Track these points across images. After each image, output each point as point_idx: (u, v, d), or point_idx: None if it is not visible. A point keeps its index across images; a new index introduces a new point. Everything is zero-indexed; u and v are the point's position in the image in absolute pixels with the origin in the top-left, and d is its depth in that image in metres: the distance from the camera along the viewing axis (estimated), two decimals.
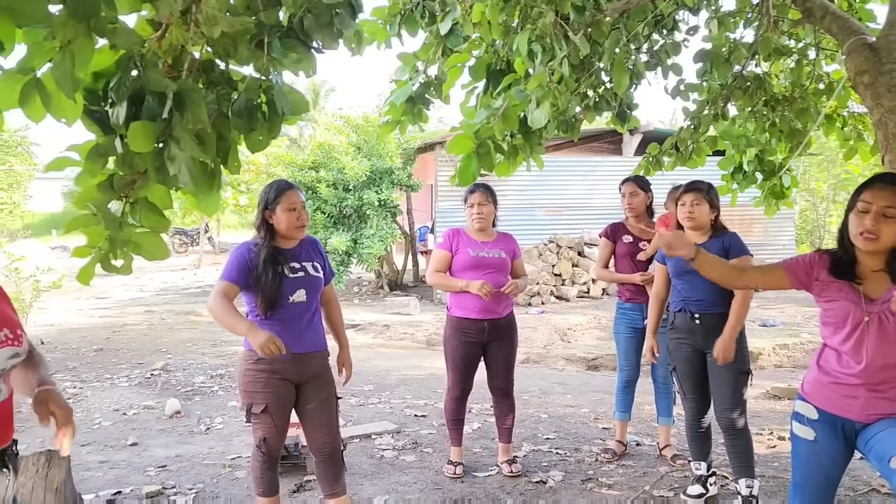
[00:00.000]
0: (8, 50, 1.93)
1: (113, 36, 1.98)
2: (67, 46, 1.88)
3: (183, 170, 2.06)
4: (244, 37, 2.22)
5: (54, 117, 2.02)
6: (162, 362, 6.89)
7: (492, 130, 2.66)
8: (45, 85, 1.95)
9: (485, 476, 3.77)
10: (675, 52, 3.69)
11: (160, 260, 2.32)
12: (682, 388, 3.47)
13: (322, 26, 2.35)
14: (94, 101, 2.13)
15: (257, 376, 2.81)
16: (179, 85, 1.98)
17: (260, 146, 2.29)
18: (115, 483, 3.70)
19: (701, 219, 3.28)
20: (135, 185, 2.22)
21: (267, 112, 2.24)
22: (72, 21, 1.86)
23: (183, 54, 2.14)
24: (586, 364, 7.77)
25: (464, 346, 3.71)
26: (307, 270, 2.89)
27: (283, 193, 2.84)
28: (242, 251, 2.86)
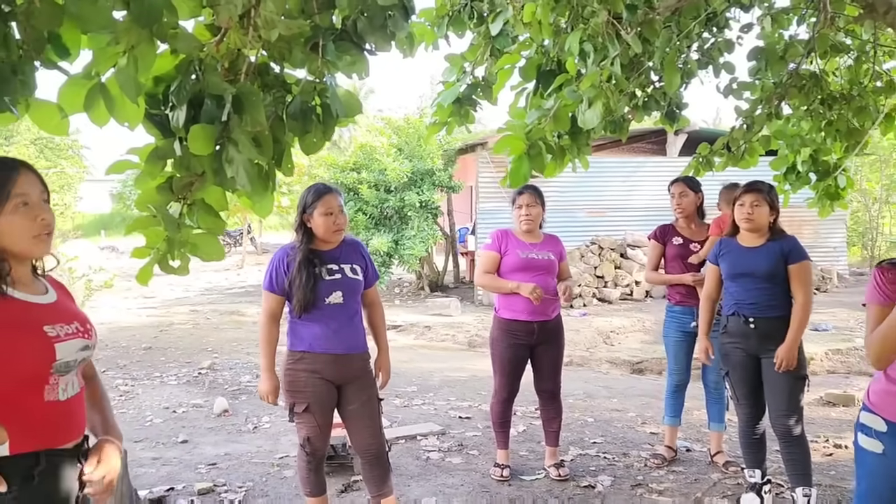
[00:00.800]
0: (74, 56, 1.98)
1: (174, 41, 2.02)
2: (131, 52, 1.92)
3: (241, 172, 2.08)
4: (298, 40, 2.24)
5: (117, 121, 2.06)
6: (209, 361, 7.01)
7: (543, 131, 2.64)
8: (108, 90, 1.99)
9: (532, 480, 3.74)
10: (729, 49, 3.61)
11: (216, 261, 2.37)
12: (736, 393, 3.39)
13: (375, 28, 2.36)
14: (154, 105, 2.17)
15: (298, 376, 2.86)
16: (238, 88, 2.00)
17: (314, 148, 2.31)
18: (167, 479, 3.77)
19: (760, 221, 3.21)
20: (192, 187, 2.26)
21: (321, 114, 2.25)
22: (135, 27, 1.90)
23: (239, 58, 2.17)
24: (631, 367, 7.67)
25: (512, 349, 3.69)
26: (345, 272, 2.91)
27: (320, 197, 2.86)
28: (279, 256, 2.93)
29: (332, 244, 2.92)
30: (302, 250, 2.86)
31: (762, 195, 3.23)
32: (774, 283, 3.22)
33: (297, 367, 2.85)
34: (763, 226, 3.24)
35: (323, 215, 2.84)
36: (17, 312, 1.49)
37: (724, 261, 3.33)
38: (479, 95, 3.57)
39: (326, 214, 2.84)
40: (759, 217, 3.20)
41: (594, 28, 2.73)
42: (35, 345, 1.48)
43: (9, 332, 1.45)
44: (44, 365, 1.49)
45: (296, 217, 2.92)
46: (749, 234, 3.26)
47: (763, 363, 3.29)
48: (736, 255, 3.29)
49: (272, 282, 2.88)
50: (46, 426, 1.50)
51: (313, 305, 2.83)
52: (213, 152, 2.15)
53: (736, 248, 3.31)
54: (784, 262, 3.20)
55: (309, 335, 2.86)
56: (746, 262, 3.24)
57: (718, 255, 3.38)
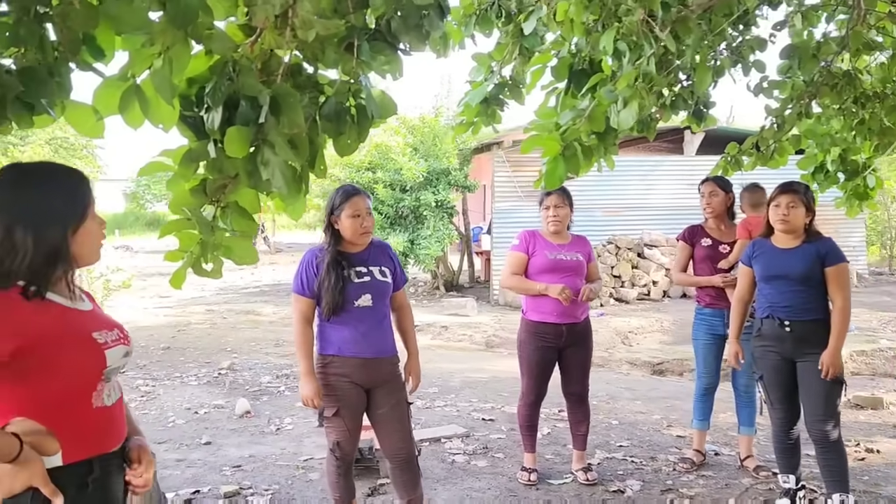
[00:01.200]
0: (109, 57, 1.96)
1: (209, 41, 1.99)
2: (166, 53, 1.89)
3: (276, 174, 2.05)
4: (332, 40, 2.21)
5: (152, 123, 2.04)
6: (228, 361, 7.01)
7: (579, 132, 2.60)
8: (143, 91, 1.97)
9: (560, 483, 3.69)
10: (761, 47, 3.54)
11: (249, 264, 2.34)
12: (770, 397, 3.34)
13: (410, 28, 2.32)
14: (187, 107, 2.14)
15: (327, 379, 2.83)
16: (275, 89, 1.98)
17: (349, 150, 2.28)
18: (192, 482, 3.76)
19: (796, 222, 3.15)
20: (226, 190, 2.24)
21: (356, 115, 2.22)
22: (171, 27, 1.87)
23: (272, 59, 2.15)
24: (651, 368, 7.60)
25: (540, 351, 3.65)
26: (374, 275, 2.88)
27: (348, 199, 2.83)
28: (307, 258, 2.90)
29: (359, 246, 2.89)
30: (330, 252, 2.83)
31: (798, 196, 3.17)
32: (810, 286, 3.16)
33: (326, 371, 2.83)
34: (799, 227, 3.18)
35: (350, 217, 2.81)
36: (68, 320, 1.47)
37: (758, 262, 3.27)
38: (507, 95, 3.53)
39: (354, 216, 2.81)
40: (794, 218, 3.14)
41: (629, 26, 2.68)
42: (88, 352, 1.47)
43: (64, 340, 1.44)
44: (96, 372, 1.48)
45: (324, 218, 2.89)
46: (784, 236, 3.20)
47: (798, 367, 3.23)
48: (770, 257, 3.23)
49: (302, 284, 2.85)
50: (97, 432, 1.49)
51: (342, 308, 2.80)
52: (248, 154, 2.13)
53: (770, 250, 3.25)
54: (820, 264, 3.13)
55: (338, 339, 2.83)
56: (781, 264, 3.18)
57: (752, 256, 3.32)
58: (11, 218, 1.41)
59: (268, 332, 9.48)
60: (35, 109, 1.79)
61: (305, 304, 2.85)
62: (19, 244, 1.39)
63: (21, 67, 1.73)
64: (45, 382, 1.40)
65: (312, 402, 2.80)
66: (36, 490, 1.33)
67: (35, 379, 1.39)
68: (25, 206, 1.43)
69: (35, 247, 1.40)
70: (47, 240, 1.42)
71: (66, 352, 1.43)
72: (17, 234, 1.39)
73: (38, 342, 1.38)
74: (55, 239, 1.44)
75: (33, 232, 1.41)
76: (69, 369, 1.44)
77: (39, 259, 1.41)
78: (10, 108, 1.72)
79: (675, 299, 11.89)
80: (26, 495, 1.32)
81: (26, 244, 1.40)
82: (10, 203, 1.43)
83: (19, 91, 1.69)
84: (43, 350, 1.39)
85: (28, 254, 1.39)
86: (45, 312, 1.42)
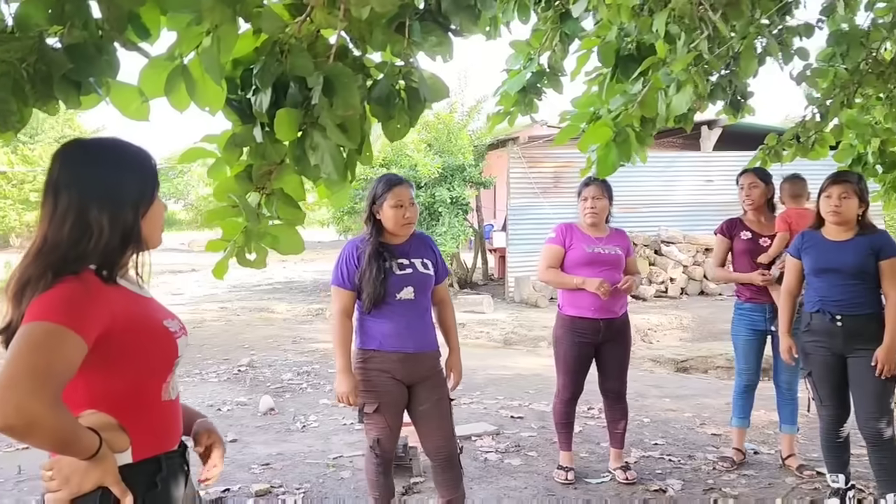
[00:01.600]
0: (154, 37, 1.87)
1: (258, 20, 1.90)
2: (215, 31, 1.81)
3: (326, 159, 1.97)
4: (380, 20, 2.12)
5: (198, 105, 1.95)
6: (247, 359, 6.93)
7: (631, 118, 2.50)
8: (190, 72, 1.88)
9: (598, 483, 3.60)
10: (808, 34, 3.43)
11: (295, 254, 2.26)
12: (819, 394, 3.23)
13: (461, 8, 2.23)
14: (231, 89, 2.06)
15: (367, 375, 2.74)
16: (328, 69, 1.89)
17: (399, 134, 2.19)
18: (221, 480, 3.67)
19: (848, 214, 3.04)
20: (271, 176, 2.15)
21: (407, 99, 2.13)
22: (220, 5, 1.78)
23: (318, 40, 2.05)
24: (675, 366, 7.49)
25: (577, 347, 3.55)
26: (416, 267, 2.79)
27: (391, 188, 2.74)
28: (348, 249, 2.80)
29: (401, 238, 2.80)
30: (371, 243, 2.74)
31: (851, 186, 3.06)
32: (862, 280, 3.05)
33: (367, 367, 2.74)
34: (851, 219, 3.07)
35: (393, 207, 2.72)
36: (141, 307, 1.39)
37: (808, 255, 3.17)
38: (545, 84, 3.43)
39: (397, 206, 2.72)
40: (847, 210, 3.03)
41: (681, 8, 2.58)
42: (162, 341, 1.39)
43: (140, 328, 1.35)
44: (169, 362, 1.41)
45: (365, 208, 2.81)
46: (835, 228, 3.09)
47: (849, 363, 3.12)
48: (821, 250, 3.12)
49: (341, 276, 2.76)
50: (165, 427, 1.41)
51: (383, 301, 2.71)
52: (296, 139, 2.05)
53: (821, 242, 3.14)
54: (874, 257, 3.03)
55: (379, 333, 2.74)
56: (833, 257, 3.07)
57: (801, 248, 3.21)
58: (84, 197, 1.32)
59: (283, 329, 9.42)
60: (82, 88, 1.71)
61: (346, 297, 2.75)
62: (94, 224, 1.30)
63: (68, 44, 1.64)
64: (121, 373, 1.31)
65: (348, 399, 2.71)
66: (105, 489, 1.24)
67: (111, 368, 1.30)
68: (98, 183, 1.34)
69: (110, 227, 1.32)
70: (122, 220, 1.34)
71: (142, 340, 1.34)
72: (91, 213, 1.31)
73: (119, 329, 1.29)
74: (129, 219, 1.36)
75: (109, 211, 1.32)
76: (145, 359, 1.35)
77: (115, 241, 1.32)
78: (56, 87, 1.63)
79: (693, 296, 11.77)
80: (94, 495, 1.23)
81: (101, 224, 1.31)
82: (81, 181, 1.33)
83: (68, 69, 1.60)
84: (123, 337, 1.30)
85: (104, 235, 1.31)
86: (122, 298, 1.34)
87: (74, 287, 1.25)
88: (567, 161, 11.92)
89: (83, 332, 1.21)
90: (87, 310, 1.24)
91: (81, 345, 1.21)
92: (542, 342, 8.91)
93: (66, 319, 1.20)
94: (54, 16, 1.65)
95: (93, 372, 1.28)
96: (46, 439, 1.17)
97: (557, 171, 11.97)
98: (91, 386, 1.29)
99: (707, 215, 12.38)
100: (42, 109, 1.67)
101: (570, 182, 11.89)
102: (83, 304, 1.24)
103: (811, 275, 3.18)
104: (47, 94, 1.65)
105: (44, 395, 1.13)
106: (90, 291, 1.27)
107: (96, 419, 1.26)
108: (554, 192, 11.89)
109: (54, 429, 1.15)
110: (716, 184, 12.32)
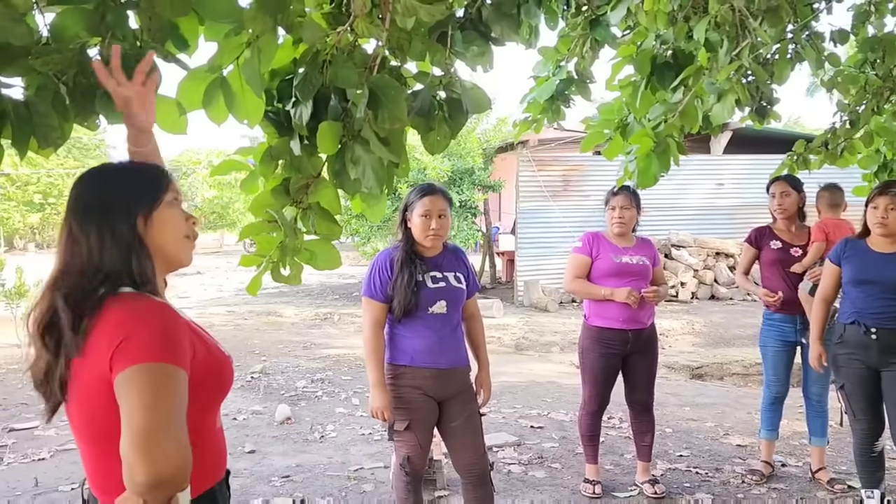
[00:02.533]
0: (192, 48, 1.81)
1: (299, 30, 1.84)
2: (255, 42, 1.75)
3: (368, 172, 1.91)
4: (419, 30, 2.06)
5: (236, 118, 1.90)
6: (259, 365, 6.87)
7: (673, 128, 2.44)
8: (230, 84, 1.83)
9: (626, 497, 3.53)
10: (843, 40, 3.37)
11: (332, 269, 2.20)
12: (852, 408, 3.17)
13: (503, 16, 2.17)
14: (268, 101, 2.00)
15: (399, 392, 2.67)
16: (374, 81, 1.83)
17: (439, 147, 2.14)
18: (241, 493, 3.61)
19: (895, 226, 2.97)
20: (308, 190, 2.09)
21: (449, 110, 2.07)
22: (262, 14, 1.73)
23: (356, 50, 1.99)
24: (690, 372, 7.43)
25: (604, 358, 3.49)
26: (449, 281, 2.73)
27: (421, 197, 2.68)
28: (381, 260, 2.73)
29: (433, 250, 2.74)
30: (403, 250, 2.68)
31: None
32: None
33: (398, 383, 2.67)
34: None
35: (420, 216, 2.66)
36: (197, 333, 1.32)
37: (850, 264, 3.09)
38: (573, 91, 3.37)
39: (423, 216, 2.66)
40: (894, 222, 2.97)
41: (723, 15, 2.52)
42: (226, 365, 1.33)
43: (208, 354, 1.28)
44: (227, 389, 1.35)
45: (399, 215, 2.75)
46: (881, 239, 3.02)
47: (883, 376, 3.07)
48: (865, 261, 3.05)
49: (373, 287, 2.68)
50: (219, 455, 1.36)
51: (415, 312, 2.64)
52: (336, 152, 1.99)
53: (865, 252, 3.07)
54: None
55: (410, 348, 2.67)
56: (876, 270, 3.00)
57: (842, 255, 3.14)
58: (75, 217, 1.27)
59: (293, 334, 9.36)
60: None
61: (378, 309, 2.68)
62: (94, 243, 1.25)
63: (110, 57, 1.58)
64: (193, 401, 1.23)
65: (383, 415, 2.64)
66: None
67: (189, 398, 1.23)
68: (91, 204, 1.28)
69: (114, 244, 1.26)
70: (119, 234, 1.27)
71: (211, 369, 1.29)
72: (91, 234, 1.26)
73: (196, 359, 1.24)
74: (125, 231, 1.28)
75: (106, 229, 1.26)
76: (211, 387, 1.30)
77: (120, 255, 1.26)
78: (98, 101, 1.58)
79: (704, 300, 11.70)
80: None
81: (89, 240, 1.25)
82: (74, 202, 1.29)
83: None
84: (197, 368, 1.24)
85: (107, 252, 1.25)
86: (187, 325, 1.28)
87: (157, 315, 1.21)
88: (576, 164, 11.87)
89: (186, 365, 1.19)
90: (181, 342, 1.20)
91: (186, 379, 1.18)
92: (554, 347, 8.85)
93: (173, 357, 1.16)
94: (93, 27, 1.60)
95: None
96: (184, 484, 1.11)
97: (566, 175, 11.89)
98: None
99: (718, 219, 12.33)
100: (83, 125, 1.62)
101: (579, 185, 11.83)
102: (177, 336, 1.20)
103: (850, 284, 3.11)
104: (88, 108, 1.60)
105: (183, 439, 1.11)
106: (175, 321, 1.22)
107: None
108: (563, 196, 11.82)
109: (185, 468, 1.10)
110: (726, 187, 12.25)
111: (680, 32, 2.74)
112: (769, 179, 3.85)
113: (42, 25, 1.60)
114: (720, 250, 11.92)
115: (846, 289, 3.14)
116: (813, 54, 3.16)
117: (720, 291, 11.79)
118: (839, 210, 3.79)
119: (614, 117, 3.36)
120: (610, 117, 3.39)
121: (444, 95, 2.08)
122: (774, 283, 3.71)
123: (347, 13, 1.88)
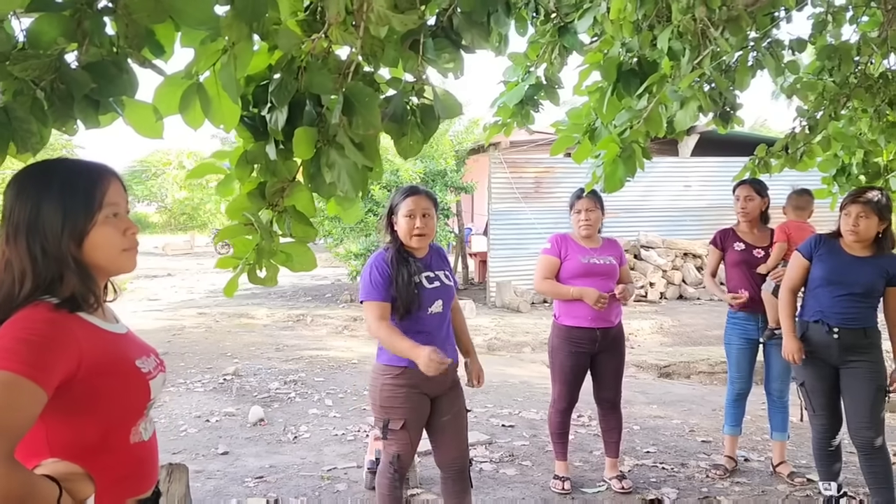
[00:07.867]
0: (168, 54, 1.84)
1: (275, 37, 1.89)
2: (232, 49, 1.79)
3: (343, 177, 1.96)
4: (392, 37, 2.12)
5: (212, 123, 1.94)
6: (232, 367, 6.84)
7: (638, 133, 2.52)
8: (206, 90, 1.86)
9: (594, 492, 3.62)
10: (801, 48, 3.50)
11: (307, 271, 2.24)
12: (812, 404, 3.29)
13: (473, 25, 2.24)
14: (243, 106, 2.04)
15: (396, 391, 2.69)
16: (349, 88, 1.88)
17: (412, 152, 2.19)
18: (215, 494, 3.63)
19: (866, 233, 3.07)
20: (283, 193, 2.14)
21: (421, 116, 2.12)
22: (238, 22, 1.77)
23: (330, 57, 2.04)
24: (658, 371, 7.57)
25: (573, 357, 3.57)
26: (441, 280, 2.79)
27: (405, 198, 2.73)
28: (376, 262, 2.73)
29: (420, 250, 2.78)
30: (393, 249, 2.72)
31: (871, 206, 3.05)
32: (868, 299, 3.11)
33: (397, 383, 2.68)
34: (869, 237, 3.10)
35: (404, 217, 2.71)
36: (109, 345, 1.30)
37: (823, 262, 3.18)
38: (542, 96, 3.45)
39: (407, 216, 2.70)
40: (865, 230, 3.06)
41: (685, 25, 2.61)
42: (133, 384, 1.31)
43: (109, 369, 1.27)
44: (140, 406, 1.33)
45: (384, 217, 2.79)
46: (855, 245, 3.12)
47: (842, 373, 3.19)
48: (837, 262, 3.15)
49: (374, 288, 2.66)
50: (134, 472, 1.33)
51: (416, 313, 2.67)
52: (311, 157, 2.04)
53: (838, 253, 3.16)
54: (885, 281, 3.08)
55: None
56: (847, 272, 3.10)
57: (815, 252, 3.22)
58: (8, 231, 1.25)
59: (265, 336, 9.33)
60: (100, 107, 1.68)
61: (381, 308, 2.64)
62: (22, 257, 1.23)
63: (88, 63, 1.60)
64: (86, 419, 1.23)
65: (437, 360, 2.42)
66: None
67: (75, 415, 1.22)
68: (23, 213, 1.26)
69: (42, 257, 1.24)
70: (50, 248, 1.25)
71: (111, 384, 1.26)
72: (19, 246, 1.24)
73: (85, 373, 1.21)
74: (57, 247, 1.25)
75: (35, 241, 1.24)
76: (113, 404, 1.27)
77: (49, 272, 1.24)
78: (77, 106, 1.60)
79: (672, 300, 11.90)
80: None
81: (34, 255, 1.23)
82: (10, 213, 1.27)
83: (90, 88, 1.57)
84: (89, 382, 1.22)
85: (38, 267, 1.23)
86: (89, 337, 1.25)
87: (36, 327, 1.17)
88: (548, 167, 12.00)
89: (43, 381, 1.13)
90: (49, 355, 1.16)
91: (40, 394, 1.13)
92: (526, 348, 8.95)
93: (25, 368, 1.11)
94: (70, 33, 1.62)
95: (55, 419, 1.21)
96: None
97: (538, 177, 12.02)
98: (52, 433, 1.22)
99: (686, 220, 12.55)
100: (61, 130, 1.64)
101: (550, 187, 11.96)
102: (44, 348, 1.15)
103: (819, 282, 3.18)
104: (67, 113, 1.62)
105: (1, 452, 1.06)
106: (54, 333, 1.19)
107: (57, 468, 1.18)
108: (535, 197, 11.94)
109: (5, 487, 1.06)
110: (694, 189, 12.48)
111: (645, 41, 2.82)
112: (734, 183, 3.96)
113: (18, 31, 1.62)
114: (688, 251, 12.14)
115: (813, 286, 3.22)
116: (773, 62, 3.28)
117: (688, 291, 12.00)
118: (804, 214, 3.92)
119: (583, 121, 3.45)
120: (578, 121, 3.47)
121: (417, 101, 2.14)
122: (739, 284, 3.83)
123: (322, 21, 1.93)
